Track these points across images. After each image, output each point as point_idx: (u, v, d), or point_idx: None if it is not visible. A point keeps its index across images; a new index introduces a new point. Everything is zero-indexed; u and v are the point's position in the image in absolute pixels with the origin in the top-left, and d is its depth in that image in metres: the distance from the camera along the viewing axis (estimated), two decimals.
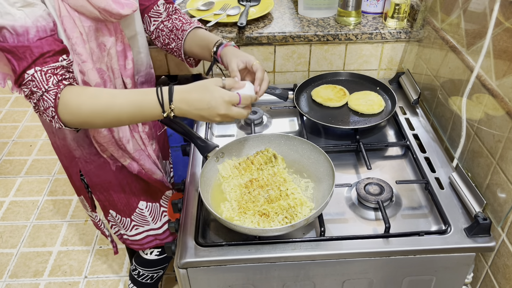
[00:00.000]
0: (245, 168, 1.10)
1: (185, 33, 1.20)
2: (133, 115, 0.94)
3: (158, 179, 1.33)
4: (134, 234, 1.40)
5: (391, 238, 0.98)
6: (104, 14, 0.99)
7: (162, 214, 1.41)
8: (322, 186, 1.05)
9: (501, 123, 0.99)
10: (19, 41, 0.89)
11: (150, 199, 1.36)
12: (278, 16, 1.59)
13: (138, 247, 1.44)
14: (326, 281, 1.03)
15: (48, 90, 0.91)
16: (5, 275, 2.03)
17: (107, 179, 1.26)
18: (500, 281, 1.04)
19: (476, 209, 1.00)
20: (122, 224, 1.38)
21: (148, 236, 1.42)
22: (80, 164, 1.23)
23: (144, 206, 1.35)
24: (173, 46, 1.23)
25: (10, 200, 2.41)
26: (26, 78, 0.91)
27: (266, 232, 0.92)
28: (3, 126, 2.96)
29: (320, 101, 1.36)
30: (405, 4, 1.46)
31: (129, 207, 1.34)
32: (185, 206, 1.08)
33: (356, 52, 1.53)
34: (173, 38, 1.22)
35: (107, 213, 1.36)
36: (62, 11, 0.95)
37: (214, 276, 1.00)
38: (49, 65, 0.92)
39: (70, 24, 0.97)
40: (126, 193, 1.31)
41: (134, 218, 1.37)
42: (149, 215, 1.38)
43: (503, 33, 0.97)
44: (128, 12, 1.02)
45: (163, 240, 1.45)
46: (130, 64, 1.13)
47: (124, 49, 1.11)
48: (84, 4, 0.96)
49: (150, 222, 1.39)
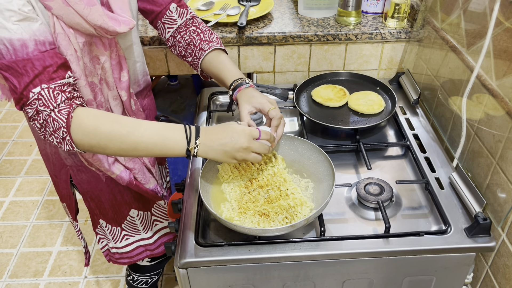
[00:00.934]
0: (245, 168, 1.10)
1: (203, 53, 1.17)
2: (154, 146, 0.90)
3: (151, 188, 1.29)
4: (124, 245, 1.36)
5: (391, 238, 0.98)
6: (99, 31, 0.97)
7: (154, 223, 1.38)
8: (322, 186, 1.05)
9: (501, 123, 0.99)
10: (17, 55, 0.84)
11: (141, 208, 1.33)
12: (278, 16, 1.59)
13: (128, 261, 1.40)
14: (326, 281, 1.03)
15: (58, 108, 0.85)
16: (5, 275, 2.03)
17: (98, 186, 1.24)
18: (500, 281, 1.04)
19: (476, 209, 1.00)
20: (111, 234, 1.34)
21: (138, 247, 1.38)
22: (72, 172, 1.20)
23: (135, 214, 1.32)
24: (189, 60, 1.21)
25: (10, 200, 2.41)
26: (31, 97, 0.85)
27: (266, 232, 0.92)
28: (3, 126, 2.96)
29: (320, 101, 1.36)
30: (405, 4, 1.46)
31: (120, 215, 1.31)
32: (185, 206, 1.08)
33: (356, 52, 1.53)
34: (190, 53, 1.19)
35: (97, 224, 1.33)
36: (57, 28, 0.92)
37: (214, 276, 1.00)
38: (56, 82, 0.86)
39: (64, 42, 0.94)
40: (117, 200, 1.28)
41: (124, 227, 1.33)
42: (140, 224, 1.34)
43: (503, 33, 0.97)
44: (125, 30, 1.00)
45: (154, 251, 1.41)
46: (125, 77, 1.10)
47: (119, 61, 1.08)
48: (80, 21, 0.93)
49: (141, 231, 1.36)
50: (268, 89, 1.33)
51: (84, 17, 0.93)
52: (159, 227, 1.40)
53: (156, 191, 1.32)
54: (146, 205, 1.34)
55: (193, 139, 0.92)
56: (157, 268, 1.56)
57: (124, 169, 1.19)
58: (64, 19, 0.92)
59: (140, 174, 1.24)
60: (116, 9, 1.01)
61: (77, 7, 0.91)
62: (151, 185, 1.29)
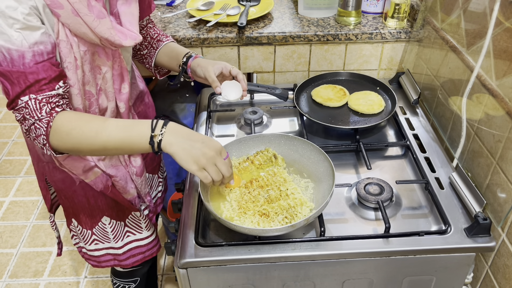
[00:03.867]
0: (245, 168, 1.10)
1: (160, 44, 1.25)
2: (121, 143, 0.91)
3: (128, 199, 1.24)
4: (93, 249, 1.32)
5: (391, 238, 0.98)
6: (104, 42, 0.97)
7: (126, 234, 1.31)
8: (322, 186, 1.05)
9: (501, 123, 0.99)
10: (14, 65, 0.86)
11: (115, 216, 1.27)
12: (278, 16, 1.59)
13: (95, 264, 1.36)
14: (326, 281, 1.03)
15: (40, 118, 0.89)
16: (5, 275, 2.03)
17: (72, 188, 1.20)
18: (500, 281, 1.04)
19: (476, 209, 1.00)
20: (82, 236, 1.30)
21: (106, 255, 1.33)
22: (47, 168, 1.18)
23: (107, 222, 1.27)
24: (144, 53, 1.26)
25: (10, 200, 2.41)
26: (19, 104, 0.88)
27: (266, 232, 0.92)
28: (3, 126, 2.96)
29: (320, 101, 1.36)
30: (405, 4, 1.46)
31: (92, 219, 1.26)
32: (185, 206, 1.08)
33: (356, 52, 1.53)
34: (146, 46, 1.26)
35: (70, 221, 1.30)
36: (61, 35, 0.92)
37: (214, 276, 1.00)
38: (44, 93, 0.89)
39: (66, 49, 0.94)
40: (90, 205, 1.24)
41: (95, 232, 1.28)
42: (111, 232, 1.29)
43: (503, 33, 0.97)
44: (130, 44, 1.01)
45: (122, 262, 1.35)
46: (126, 88, 1.10)
47: (121, 72, 1.08)
48: (86, 32, 0.93)
49: (111, 240, 1.30)
50: (268, 89, 1.33)
51: (92, 29, 0.93)
52: (131, 239, 1.33)
53: (134, 202, 1.27)
54: (120, 214, 1.28)
55: (158, 127, 0.90)
56: (132, 275, 1.49)
57: (102, 175, 1.15)
58: (71, 27, 0.92)
59: (122, 182, 1.19)
60: (125, 22, 1.02)
61: (87, 18, 0.92)
62: (129, 196, 1.24)
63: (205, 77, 1.18)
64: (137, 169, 1.21)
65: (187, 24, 1.53)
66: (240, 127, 1.35)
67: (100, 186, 1.16)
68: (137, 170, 1.21)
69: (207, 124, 1.34)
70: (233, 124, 1.37)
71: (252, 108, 1.37)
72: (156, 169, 1.40)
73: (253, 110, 1.36)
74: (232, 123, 1.38)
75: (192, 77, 1.22)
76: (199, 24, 1.52)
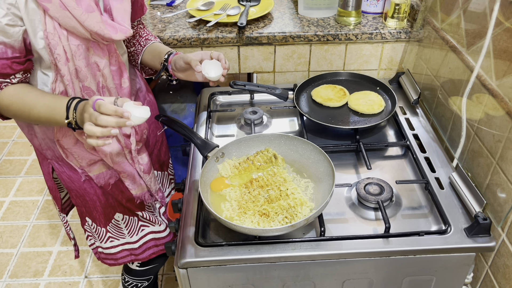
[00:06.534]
0: (245, 168, 1.10)
1: (148, 42, 1.27)
2: (49, 121, 1.00)
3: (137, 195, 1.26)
4: (109, 246, 1.34)
5: (391, 238, 0.98)
6: (95, 36, 0.99)
7: (140, 229, 1.34)
8: (322, 186, 1.05)
9: (501, 123, 0.99)
10: None
11: (127, 212, 1.30)
12: (278, 16, 1.59)
13: (112, 263, 1.38)
14: (326, 281, 1.03)
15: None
16: (5, 275, 2.03)
17: (82, 186, 1.22)
18: (500, 281, 1.04)
19: (476, 209, 1.00)
20: (97, 234, 1.32)
21: (123, 251, 1.36)
22: (54, 166, 1.20)
23: (120, 218, 1.30)
24: (132, 50, 1.27)
25: (10, 200, 2.41)
26: None
27: (266, 232, 0.92)
28: (3, 126, 2.96)
29: (320, 101, 1.36)
30: (405, 4, 1.46)
31: (105, 216, 1.28)
32: (185, 206, 1.08)
33: (356, 52, 1.53)
34: (134, 43, 1.27)
35: (84, 221, 1.32)
36: (48, 26, 0.95)
37: (214, 276, 1.00)
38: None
39: (53, 41, 0.97)
40: (101, 202, 1.26)
41: (109, 229, 1.31)
42: (125, 228, 1.31)
43: (503, 33, 0.97)
44: (121, 38, 1.03)
45: (139, 256, 1.38)
46: (126, 83, 1.13)
47: (120, 67, 1.11)
48: (75, 25, 0.96)
49: (126, 236, 1.33)
50: (268, 89, 1.33)
51: (81, 22, 0.95)
52: (146, 232, 1.36)
53: (143, 198, 1.29)
54: (132, 209, 1.31)
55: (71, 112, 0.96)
56: (146, 274, 1.51)
57: (106, 171, 1.18)
58: (60, 21, 0.95)
59: (130, 179, 1.22)
60: (117, 17, 1.04)
61: (75, 12, 0.94)
62: (137, 192, 1.26)
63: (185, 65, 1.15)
64: (145, 166, 1.24)
65: (187, 24, 1.53)
66: (240, 127, 1.35)
67: (101, 182, 1.20)
68: (144, 167, 1.24)
69: (207, 124, 1.34)
70: (233, 124, 1.37)
71: (252, 108, 1.37)
72: (165, 166, 1.43)
73: (253, 110, 1.36)
74: (232, 123, 1.38)
75: (173, 74, 1.22)
76: (199, 24, 1.53)
